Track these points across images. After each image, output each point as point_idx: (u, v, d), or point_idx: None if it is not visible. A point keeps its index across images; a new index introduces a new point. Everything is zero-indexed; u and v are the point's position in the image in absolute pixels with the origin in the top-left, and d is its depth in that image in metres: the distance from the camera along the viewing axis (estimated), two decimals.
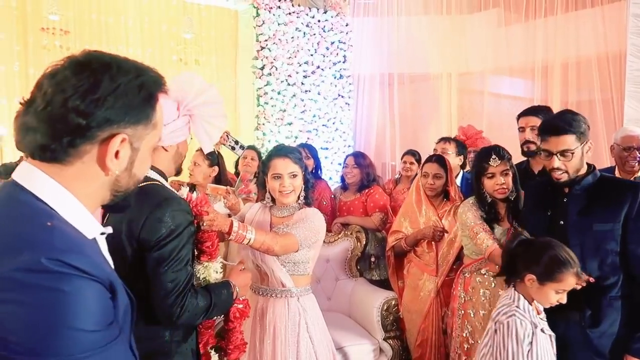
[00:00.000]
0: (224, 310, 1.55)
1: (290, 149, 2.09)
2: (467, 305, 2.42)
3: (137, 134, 0.83)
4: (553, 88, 5.01)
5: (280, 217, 2.06)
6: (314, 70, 5.35)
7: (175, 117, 1.49)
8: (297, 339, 1.97)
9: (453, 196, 2.84)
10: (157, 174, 1.51)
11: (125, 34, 4.59)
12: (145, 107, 0.83)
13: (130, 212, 1.39)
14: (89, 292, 0.71)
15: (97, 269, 0.74)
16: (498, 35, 5.43)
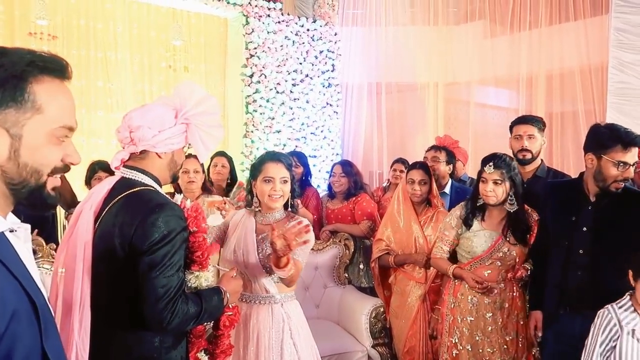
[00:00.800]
0: (214, 316, 1.55)
1: (283, 155, 2.10)
2: (455, 311, 2.45)
3: (9, 119, 0.78)
4: (537, 99, 5.11)
5: (264, 224, 2.05)
6: (303, 79, 5.38)
7: (172, 124, 1.50)
8: (280, 344, 1.97)
9: (435, 203, 2.89)
10: (152, 180, 1.51)
11: (114, 39, 4.57)
12: (7, 89, 0.77)
13: (123, 216, 1.39)
14: None
15: None
16: (484, 46, 5.52)
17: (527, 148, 2.70)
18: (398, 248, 2.90)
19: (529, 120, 2.78)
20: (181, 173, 2.96)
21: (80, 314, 1.37)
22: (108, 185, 1.51)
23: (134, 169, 1.50)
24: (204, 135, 1.53)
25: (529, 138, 2.71)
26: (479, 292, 2.34)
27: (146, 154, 1.51)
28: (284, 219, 2.06)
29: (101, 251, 1.42)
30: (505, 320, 2.37)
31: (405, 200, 2.91)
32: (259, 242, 2.02)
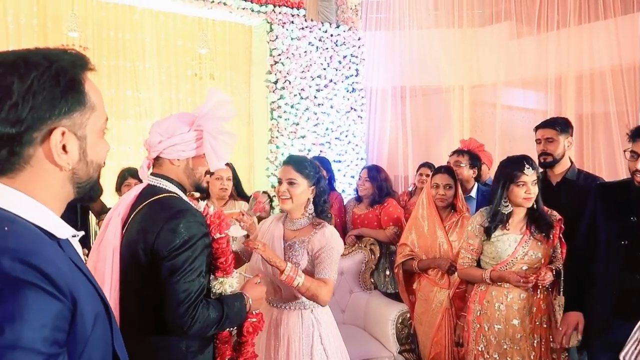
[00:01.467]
0: (237, 322, 1.55)
1: (297, 159, 2.09)
2: (481, 318, 2.40)
3: (75, 122, 0.79)
4: (567, 100, 4.99)
5: (292, 229, 2.08)
6: (327, 84, 5.40)
7: (184, 131, 1.51)
8: (310, 350, 1.97)
9: (460, 207, 2.85)
10: (175, 186, 1.53)
11: (142, 49, 4.68)
12: (71, 94, 0.78)
13: (146, 222, 1.42)
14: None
15: (57, 272, 0.71)
16: (510, 47, 5.43)
17: (546, 151, 2.68)
18: (422, 253, 2.87)
19: (548, 123, 2.75)
20: (214, 179, 3.01)
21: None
22: (135, 192, 1.55)
23: (159, 176, 1.54)
24: (214, 142, 1.52)
25: (547, 141, 2.68)
26: (524, 288, 2.28)
27: (162, 161, 1.54)
28: (308, 226, 2.06)
29: (127, 258, 1.45)
30: (533, 325, 2.32)
31: (429, 204, 2.89)
32: (286, 249, 2.03)
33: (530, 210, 2.34)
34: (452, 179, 2.82)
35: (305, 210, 2.06)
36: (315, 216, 2.07)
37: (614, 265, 2.11)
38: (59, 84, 0.77)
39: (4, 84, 0.73)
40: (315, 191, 2.05)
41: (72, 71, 0.79)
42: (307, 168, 2.03)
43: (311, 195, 2.04)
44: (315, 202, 2.05)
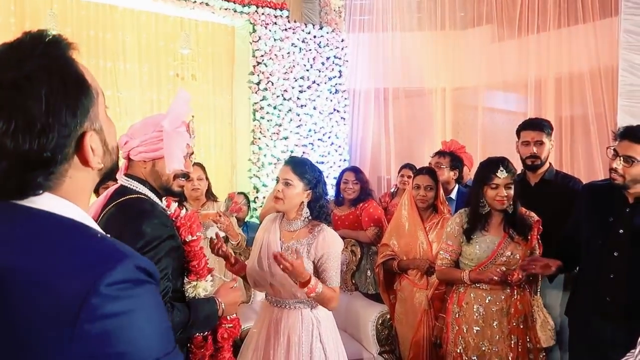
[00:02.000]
0: (206, 327, 1.52)
1: (297, 161, 2.11)
2: (460, 320, 2.41)
3: (92, 118, 0.76)
4: (547, 103, 5.06)
5: (289, 230, 2.07)
6: (310, 85, 5.40)
7: (150, 131, 1.49)
8: (310, 347, 1.98)
9: (441, 209, 2.87)
10: (146, 188, 1.50)
11: (123, 49, 4.62)
12: (82, 95, 0.74)
13: (110, 223, 1.40)
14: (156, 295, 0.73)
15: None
16: (492, 50, 5.49)
17: (536, 154, 2.66)
18: (402, 253, 2.88)
19: (537, 126, 2.74)
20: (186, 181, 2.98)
21: None
22: (107, 192, 1.53)
23: (132, 177, 1.52)
24: (171, 142, 1.48)
25: (537, 144, 2.67)
26: (501, 288, 2.30)
27: (133, 162, 1.52)
28: (305, 228, 2.06)
29: None
30: (511, 326, 2.34)
31: (411, 205, 2.90)
32: (284, 251, 2.01)
33: (507, 213, 2.35)
34: (433, 181, 2.84)
35: (299, 213, 2.05)
36: (312, 219, 2.06)
37: (591, 265, 2.15)
38: (69, 90, 0.72)
39: (22, 112, 0.68)
40: (312, 196, 2.03)
41: (71, 68, 0.73)
42: (306, 172, 2.02)
43: (306, 199, 2.03)
44: (311, 207, 2.04)
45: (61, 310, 0.62)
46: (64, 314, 0.62)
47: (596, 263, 2.12)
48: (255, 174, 5.04)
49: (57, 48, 0.73)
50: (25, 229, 0.70)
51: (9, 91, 0.68)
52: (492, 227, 2.39)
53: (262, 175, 5.05)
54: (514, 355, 2.32)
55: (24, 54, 0.70)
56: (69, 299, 0.62)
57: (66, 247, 0.69)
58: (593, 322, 2.11)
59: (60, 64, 0.72)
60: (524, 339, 2.34)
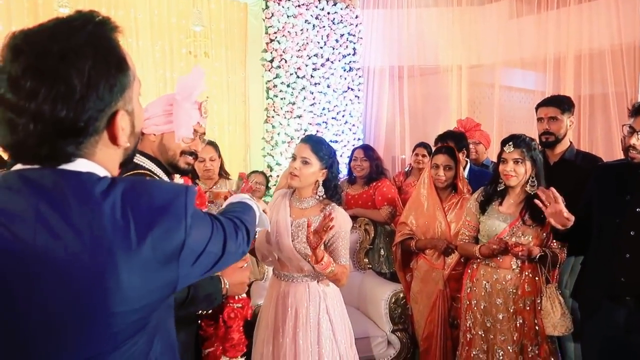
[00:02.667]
0: (207, 305, 1.51)
1: (315, 139, 2.11)
2: (471, 295, 2.46)
3: (127, 99, 0.80)
4: (565, 81, 4.94)
5: (299, 208, 2.08)
6: (324, 63, 5.33)
7: (162, 104, 1.50)
8: (317, 320, 2.02)
9: (461, 188, 2.83)
10: (153, 164, 1.50)
11: (135, 27, 4.58)
12: (121, 74, 0.78)
13: None
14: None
15: None
16: (509, 27, 5.36)
17: (549, 130, 2.63)
18: (420, 233, 2.87)
19: (551, 102, 2.70)
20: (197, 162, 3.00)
21: None
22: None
23: (140, 152, 1.51)
24: (179, 110, 1.48)
25: (550, 120, 2.64)
26: (499, 251, 2.29)
27: (144, 136, 1.51)
28: (316, 206, 2.07)
29: None
30: (517, 307, 2.33)
31: (430, 185, 2.87)
32: (293, 228, 2.03)
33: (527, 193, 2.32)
34: (452, 160, 2.79)
35: (314, 191, 2.07)
36: (325, 198, 2.08)
37: (604, 246, 2.10)
38: (110, 67, 0.76)
39: (63, 81, 0.71)
40: (327, 175, 2.05)
41: (116, 49, 0.77)
42: (322, 150, 2.04)
43: (321, 178, 2.05)
44: (326, 186, 2.06)
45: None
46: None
47: (610, 244, 2.07)
48: (269, 153, 5.03)
49: (105, 28, 0.77)
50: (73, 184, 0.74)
51: (56, 61, 0.71)
52: (508, 205, 2.37)
53: (275, 154, 5.04)
54: (518, 336, 2.32)
55: (75, 29, 0.74)
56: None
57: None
58: (604, 305, 2.07)
59: (106, 42, 0.76)
60: (531, 322, 2.32)
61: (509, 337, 2.33)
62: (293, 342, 2.00)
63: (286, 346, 2.00)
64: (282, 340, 2.02)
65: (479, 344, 2.40)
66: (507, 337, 2.33)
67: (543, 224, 2.29)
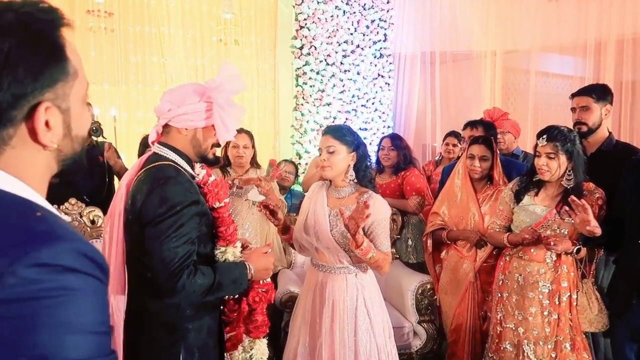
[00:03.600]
0: (234, 290, 1.55)
1: (334, 127, 2.12)
2: (503, 287, 2.43)
3: (59, 94, 0.71)
4: (606, 66, 4.73)
5: (337, 197, 2.09)
6: (354, 50, 5.27)
7: (195, 101, 1.50)
8: (355, 312, 2.02)
9: (497, 180, 2.75)
10: (177, 155, 1.53)
11: (167, 14, 4.63)
12: (54, 62, 0.69)
13: (137, 188, 1.45)
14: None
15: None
16: (547, 10, 5.15)
17: (581, 120, 2.54)
18: (452, 224, 2.82)
19: (584, 91, 2.61)
20: (231, 147, 3.03)
21: (114, 279, 1.48)
22: (140, 160, 1.59)
23: (163, 144, 1.55)
24: (223, 114, 1.51)
25: (582, 110, 2.55)
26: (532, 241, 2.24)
27: (169, 129, 1.54)
28: (353, 195, 2.06)
29: (125, 223, 1.50)
30: (551, 302, 2.27)
31: (465, 175, 2.81)
32: (331, 218, 2.05)
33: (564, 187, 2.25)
34: (489, 151, 2.72)
35: (346, 176, 2.06)
36: (358, 183, 2.07)
37: (634, 243, 2.02)
38: (40, 51, 0.68)
39: None
40: (356, 157, 2.04)
41: (52, 34, 0.69)
42: (345, 135, 2.03)
43: (352, 162, 2.04)
44: (357, 168, 2.05)
45: None
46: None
47: (638, 239, 1.99)
48: (298, 141, 5.04)
49: (46, 14, 0.69)
50: None
51: None
52: (544, 198, 2.31)
53: (304, 142, 5.04)
54: (551, 330, 2.27)
55: (12, 7, 0.68)
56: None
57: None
58: (635, 305, 2.00)
59: (40, 27, 0.68)
60: (566, 318, 2.26)
61: (541, 331, 2.28)
62: (330, 333, 2.01)
63: (323, 336, 2.02)
64: (319, 329, 2.04)
65: (509, 337, 2.37)
66: (539, 331, 2.28)
67: None
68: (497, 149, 2.83)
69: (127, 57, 4.48)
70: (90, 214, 2.72)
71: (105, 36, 4.34)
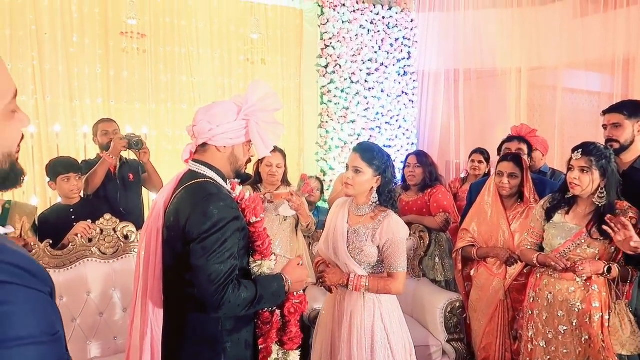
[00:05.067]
0: (273, 302, 1.59)
1: (365, 147, 2.11)
2: (534, 305, 2.40)
3: None
4: (635, 82, 4.68)
5: (357, 215, 2.12)
6: (378, 68, 5.33)
7: (232, 119, 1.55)
8: (372, 327, 2.03)
9: (527, 197, 2.73)
10: (213, 172, 1.57)
11: (197, 35, 4.77)
12: None
13: (180, 205, 1.50)
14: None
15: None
16: (573, 27, 5.13)
17: (612, 137, 2.51)
18: (482, 241, 2.81)
19: (615, 108, 2.58)
20: (264, 165, 3.07)
21: (153, 295, 1.51)
22: (177, 177, 1.62)
23: (199, 162, 1.59)
24: (262, 132, 1.55)
25: (613, 127, 2.52)
26: (561, 269, 2.21)
27: (207, 147, 1.58)
28: (371, 213, 2.08)
29: (166, 239, 1.53)
30: (581, 321, 2.23)
31: (495, 193, 2.80)
32: (350, 234, 2.08)
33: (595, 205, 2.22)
34: (518, 168, 2.71)
35: (369, 198, 2.08)
36: (379, 204, 2.08)
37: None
38: None
39: None
40: (381, 181, 2.05)
41: None
42: (375, 158, 2.04)
43: (375, 185, 2.06)
44: (380, 192, 2.06)
45: None
46: None
47: None
48: (323, 158, 5.08)
49: None
50: None
51: None
52: (575, 216, 2.28)
53: (329, 159, 5.08)
54: (582, 351, 2.22)
55: None
56: None
57: None
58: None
59: None
60: (597, 338, 2.21)
61: (572, 350, 2.24)
62: (347, 347, 2.03)
63: (342, 351, 2.04)
64: (339, 343, 2.06)
65: (540, 355, 2.33)
66: (570, 350, 2.24)
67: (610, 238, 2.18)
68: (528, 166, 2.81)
69: (158, 77, 4.61)
70: (124, 229, 2.79)
71: (138, 57, 4.48)
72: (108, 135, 3.34)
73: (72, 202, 2.91)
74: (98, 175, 3.12)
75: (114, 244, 2.75)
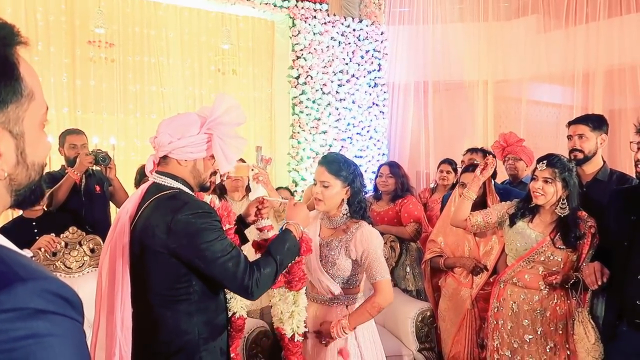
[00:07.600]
0: (294, 256, 1.65)
1: (330, 159, 2.04)
2: (498, 315, 2.43)
3: (10, 117, 0.63)
4: (594, 95, 4.87)
5: (329, 227, 2.08)
6: (349, 79, 5.38)
7: (194, 133, 1.50)
8: (345, 343, 2.00)
9: (489, 204, 2.79)
10: (180, 183, 1.54)
11: (166, 45, 4.73)
12: (4, 82, 0.62)
13: (154, 217, 1.45)
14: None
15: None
16: (537, 41, 5.32)
17: (577, 148, 2.60)
18: (449, 251, 2.85)
19: (581, 119, 2.68)
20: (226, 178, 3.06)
21: (121, 313, 1.45)
22: (141, 190, 1.57)
23: (165, 174, 1.54)
24: (225, 147, 1.52)
25: (579, 138, 2.61)
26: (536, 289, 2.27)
27: (168, 160, 1.54)
28: (344, 225, 2.04)
29: (138, 253, 1.49)
30: (546, 329, 2.28)
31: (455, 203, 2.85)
32: (322, 247, 2.04)
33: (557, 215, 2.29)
34: None
35: (340, 209, 2.04)
36: (351, 216, 2.05)
37: (618, 269, 2.05)
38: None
39: None
40: (350, 191, 2.01)
41: (3, 50, 0.62)
42: (342, 169, 1.98)
43: (346, 196, 2.01)
44: (349, 202, 2.02)
45: None
46: None
47: (622, 267, 2.02)
48: (294, 168, 5.08)
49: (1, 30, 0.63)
50: None
51: None
52: (539, 224, 2.34)
53: (301, 169, 5.08)
54: (548, 359, 2.27)
55: None
56: None
57: None
58: (624, 332, 2.01)
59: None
60: (563, 346, 2.27)
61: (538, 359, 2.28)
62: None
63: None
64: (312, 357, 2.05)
65: None
66: (535, 359, 2.29)
67: (574, 247, 2.25)
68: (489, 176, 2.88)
69: (126, 87, 4.55)
70: (90, 243, 2.72)
71: (106, 66, 4.41)
72: (76, 149, 3.24)
73: (34, 214, 2.82)
74: (62, 191, 3.03)
75: (79, 257, 2.67)
